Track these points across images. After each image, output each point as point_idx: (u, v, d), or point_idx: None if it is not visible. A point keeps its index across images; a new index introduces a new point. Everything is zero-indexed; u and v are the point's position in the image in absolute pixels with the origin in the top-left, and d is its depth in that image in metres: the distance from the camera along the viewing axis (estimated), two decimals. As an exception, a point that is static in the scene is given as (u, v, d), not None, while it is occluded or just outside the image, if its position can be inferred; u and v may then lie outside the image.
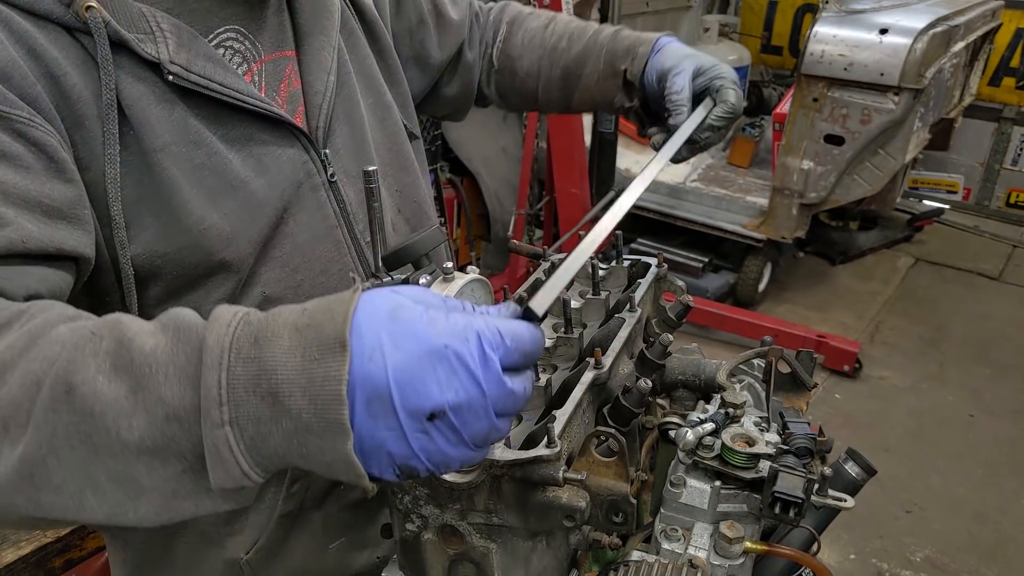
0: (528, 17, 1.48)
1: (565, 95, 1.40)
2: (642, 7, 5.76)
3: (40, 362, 0.64)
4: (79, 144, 0.89)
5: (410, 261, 0.85)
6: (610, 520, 0.91)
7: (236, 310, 0.66)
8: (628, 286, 1.29)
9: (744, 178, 5.28)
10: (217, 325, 0.63)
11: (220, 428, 0.61)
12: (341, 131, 1.10)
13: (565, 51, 1.37)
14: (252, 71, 1.03)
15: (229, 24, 1.00)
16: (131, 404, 0.62)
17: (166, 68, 0.90)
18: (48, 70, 0.86)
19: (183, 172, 0.93)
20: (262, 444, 0.62)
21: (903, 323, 4.96)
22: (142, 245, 0.93)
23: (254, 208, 0.99)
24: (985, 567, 3.19)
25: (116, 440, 0.62)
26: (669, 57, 1.26)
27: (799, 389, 1.20)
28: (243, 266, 0.99)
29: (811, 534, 0.99)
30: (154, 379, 0.62)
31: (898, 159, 4.27)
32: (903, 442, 3.89)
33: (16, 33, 0.84)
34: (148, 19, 0.91)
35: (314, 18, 1.09)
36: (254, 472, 0.63)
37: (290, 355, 0.61)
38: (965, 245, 5.96)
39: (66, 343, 0.65)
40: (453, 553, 0.92)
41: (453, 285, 0.79)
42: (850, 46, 4.14)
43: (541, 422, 0.96)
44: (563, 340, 1.13)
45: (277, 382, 0.60)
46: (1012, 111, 6.12)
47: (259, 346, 0.62)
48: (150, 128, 0.91)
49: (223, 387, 0.61)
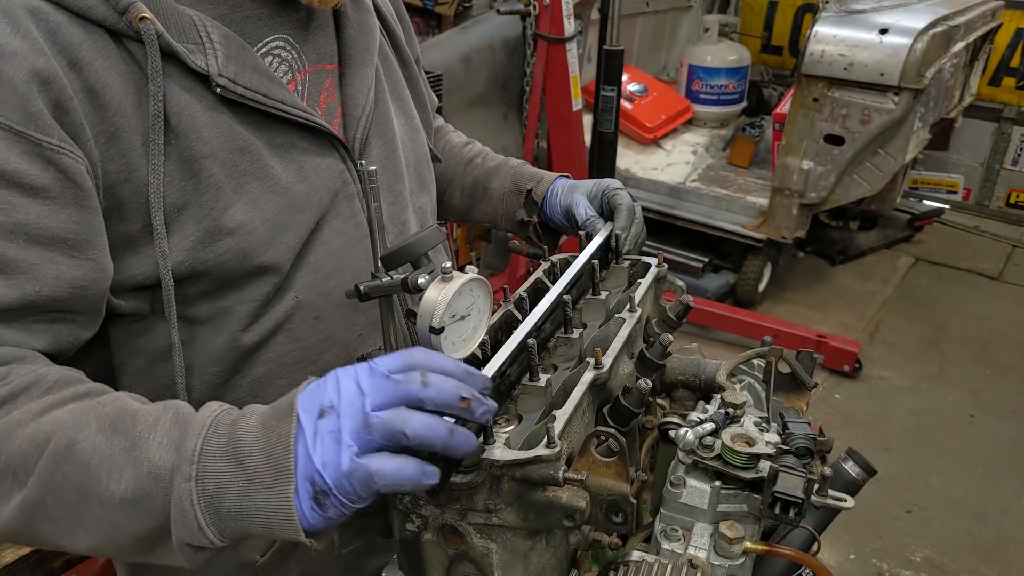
0: (451, 132, 1.61)
1: (470, 203, 1.52)
2: (642, 7, 5.76)
3: (50, 424, 0.77)
4: (115, 157, 0.89)
5: (409, 261, 0.85)
6: (610, 520, 0.91)
7: (222, 404, 0.80)
8: (628, 286, 1.29)
9: (744, 178, 5.28)
10: (206, 409, 0.78)
11: (186, 483, 0.73)
12: (376, 144, 1.15)
13: (479, 165, 1.51)
14: (296, 80, 1.06)
15: (278, 33, 1.03)
16: (124, 460, 0.75)
17: (214, 81, 0.92)
18: (88, 84, 0.86)
19: (228, 177, 0.95)
20: (219, 503, 0.73)
21: (903, 323, 4.96)
22: (183, 252, 0.94)
23: (294, 213, 1.02)
24: (985, 567, 3.19)
25: (104, 490, 0.74)
26: (565, 195, 1.39)
27: (799, 389, 1.20)
28: (280, 271, 1.02)
29: (811, 534, 0.99)
30: (148, 443, 0.75)
31: (898, 159, 4.27)
32: (903, 442, 3.89)
33: (60, 44, 0.85)
34: (199, 28, 0.92)
35: (360, 36, 1.14)
36: (209, 530, 0.74)
37: (255, 428, 0.74)
38: (965, 245, 5.96)
39: (75, 412, 0.78)
40: (453, 553, 0.92)
41: (451, 285, 0.79)
42: (850, 46, 4.14)
43: (541, 422, 0.96)
44: (563, 340, 1.13)
45: (240, 447, 0.73)
46: (1012, 111, 6.12)
47: (233, 424, 0.76)
48: (197, 135, 0.93)
49: (197, 451, 0.74)
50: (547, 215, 1.41)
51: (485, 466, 0.85)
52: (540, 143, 4.58)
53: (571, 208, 1.36)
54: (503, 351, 0.97)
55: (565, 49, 4.17)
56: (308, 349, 1.08)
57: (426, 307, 0.78)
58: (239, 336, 1.02)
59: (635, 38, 5.87)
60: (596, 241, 1.26)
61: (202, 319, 1.01)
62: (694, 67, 5.69)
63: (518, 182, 1.45)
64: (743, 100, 5.87)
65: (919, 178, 6.51)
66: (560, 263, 1.24)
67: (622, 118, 4.44)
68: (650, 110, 5.35)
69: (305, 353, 1.07)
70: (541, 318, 1.06)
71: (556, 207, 1.39)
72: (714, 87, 5.67)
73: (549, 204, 1.41)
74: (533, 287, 1.20)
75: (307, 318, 1.06)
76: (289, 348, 1.06)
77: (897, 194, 5.77)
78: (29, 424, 0.77)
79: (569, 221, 1.37)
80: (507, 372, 0.98)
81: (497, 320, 1.08)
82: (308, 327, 1.07)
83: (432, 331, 0.78)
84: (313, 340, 1.08)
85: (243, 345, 1.03)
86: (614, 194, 1.36)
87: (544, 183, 1.43)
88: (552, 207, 1.40)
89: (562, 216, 1.39)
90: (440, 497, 0.88)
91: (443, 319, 0.78)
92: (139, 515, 0.75)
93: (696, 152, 5.41)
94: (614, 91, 4.21)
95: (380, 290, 0.87)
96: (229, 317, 1.01)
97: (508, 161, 1.53)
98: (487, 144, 1.62)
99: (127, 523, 0.76)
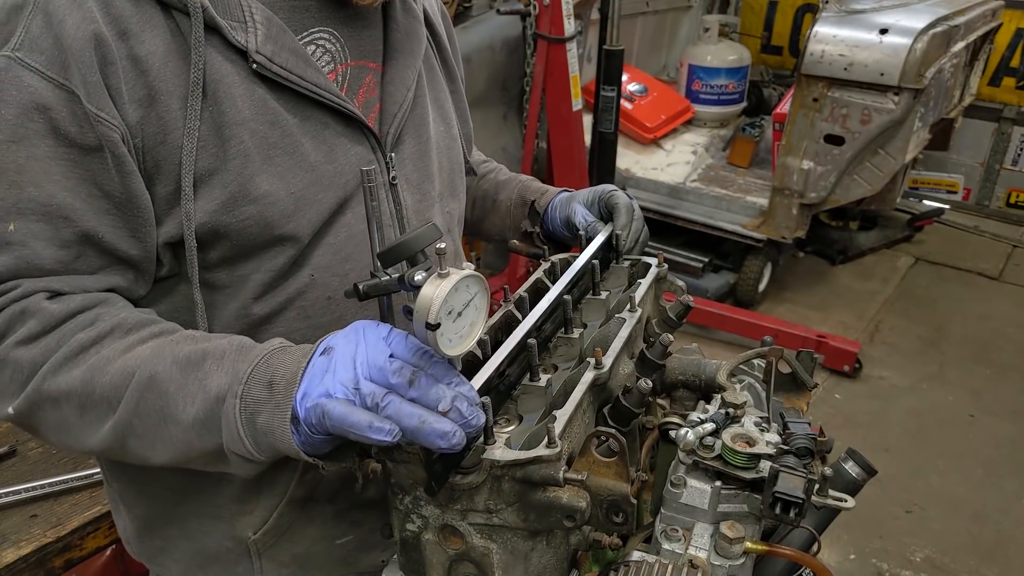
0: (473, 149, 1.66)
1: (481, 215, 1.58)
2: (642, 7, 5.76)
3: (134, 359, 0.91)
4: (152, 120, 0.95)
5: (405, 258, 0.85)
6: (610, 520, 0.91)
7: (284, 341, 0.93)
8: (628, 286, 1.29)
9: (744, 178, 5.28)
10: (268, 343, 0.91)
11: (233, 399, 0.86)
12: (409, 142, 1.18)
13: (491, 179, 1.59)
14: (337, 72, 1.10)
15: (324, 26, 1.08)
16: (195, 387, 0.88)
17: (251, 56, 0.98)
18: (133, 52, 0.93)
19: (257, 146, 1.00)
20: (255, 420, 0.86)
21: (903, 323, 4.97)
22: (208, 214, 0.99)
23: (319, 191, 1.05)
24: (985, 567, 3.19)
25: (180, 413, 0.89)
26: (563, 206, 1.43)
27: (799, 389, 1.20)
28: (299, 244, 1.05)
29: (811, 534, 0.99)
30: (216, 372, 0.89)
31: (898, 159, 4.28)
32: (903, 442, 3.90)
33: (112, 15, 0.93)
34: (243, 9, 0.98)
35: (405, 38, 1.18)
36: (247, 440, 0.86)
37: (288, 358, 0.88)
38: (965, 245, 5.97)
39: (155, 348, 0.92)
40: (453, 553, 0.92)
41: (447, 281, 0.79)
42: (850, 46, 4.15)
43: (541, 422, 0.97)
44: (563, 340, 1.13)
45: (273, 374, 0.86)
46: (1012, 111, 6.12)
47: (276, 353, 0.89)
48: (232, 103, 0.98)
49: (246, 375, 0.87)
50: (549, 229, 1.45)
51: (486, 466, 0.85)
52: (540, 143, 4.58)
53: (570, 217, 1.39)
54: (499, 353, 0.97)
55: (565, 49, 4.18)
56: (317, 328, 1.10)
57: (422, 303, 0.78)
58: (250, 305, 1.06)
59: (635, 38, 5.87)
60: (597, 241, 1.26)
61: (219, 285, 1.05)
62: (694, 67, 5.69)
63: (524, 194, 1.50)
64: (743, 100, 5.88)
65: (919, 178, 6.52)
66: (560, 263, 1.24)
67: (622, 118, 4.44)
68: (650, 110, 5.36)
69: (314, 332, 1.09)
70: (540, 318, 1.06)
71: (557, 219, 1.43)
72: (714, 87, 5.67)
73: (550, 216, 1.44)
74: (533, 287, 1.20)
75: (320, 298, 1.09)
76: (298, 325, 1.09)
77: (897, 194, 5.77)
78: (116, 360, 0.91)
79: (570, 231, 1.40)
80: (505, 372, 0.98)
81: (497, 320, 1.08)
82: (320, 307, 1.10)
83: (428, 327, 0.78)
84: (323, 320, 1.10)
85: (253, 315, 1.07)
86: (610, 196, 1.38)
87: (547, 195, 1.47)
88: (553, 219, 1.44)
89: (563, 227, 1.42)
90: (440, 497, 0.88)
91: (439, 315, 0.77)
92: (207, 432, 0.88)
93: (696, 152, 5.42)
94: (614, 91, 4.22)
95: (378, 288, 0.87)
96: (244, 285, 1.05)
97: (518, 176, 1.59)
98: (487, 144, 1.63)
99: (198, 441, 0.89)
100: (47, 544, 1.56)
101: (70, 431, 0.96)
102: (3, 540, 1.55)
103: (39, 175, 0.92)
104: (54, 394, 0.93)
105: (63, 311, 0.94)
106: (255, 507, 1.15)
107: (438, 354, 0.81)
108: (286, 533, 1.18)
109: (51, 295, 0.95)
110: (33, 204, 0.92)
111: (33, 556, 1.54)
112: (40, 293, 0.95)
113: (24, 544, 1.54)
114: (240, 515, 1.16)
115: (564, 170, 4.40)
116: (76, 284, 0.97)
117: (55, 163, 0.92)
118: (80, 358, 0.93)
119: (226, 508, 1.16)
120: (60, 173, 0.93)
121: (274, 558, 1.19)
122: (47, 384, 0.92)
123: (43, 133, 0.91)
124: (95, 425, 0.94)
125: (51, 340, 0.93)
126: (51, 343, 0.93)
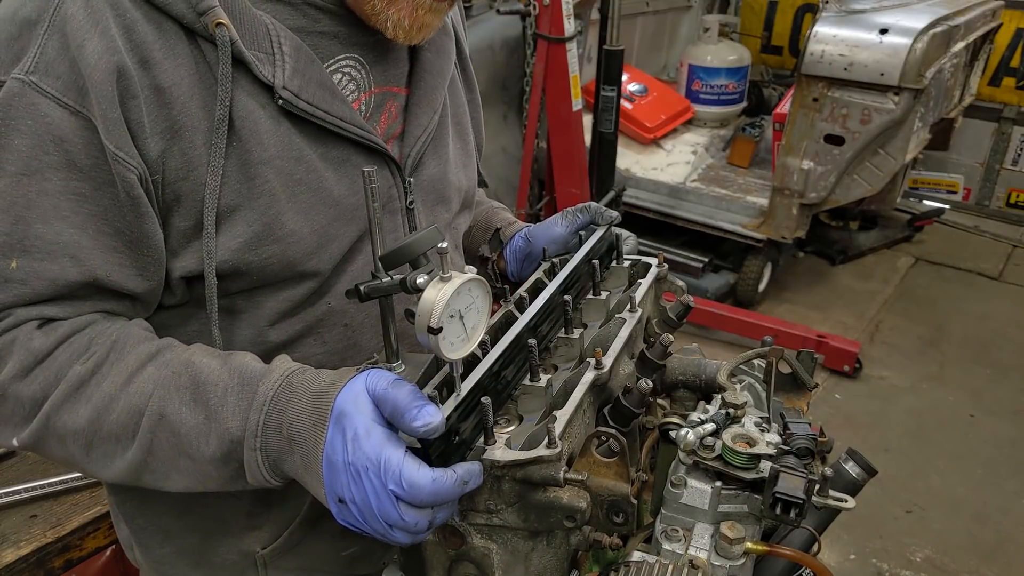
0: None
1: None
2: (642, 7, 5.76)
3: (138, 396, 0.91)
4: (176, 154, 0.91)
5: (407, 261, 0.85)
6: (611, 520, 0.91)
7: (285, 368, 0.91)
8: (628, 286, 1.29)
9: (744, 178, 5.28)
10: (267, 380, 0.89)
11: (254, 452, 0.88)
12: (429, 164, 1.16)
13: None
14: (361, 100, 1.07)
15: (350, 53, 1.05)
16: (207, 428, 0.89)
17: (278, 93, 0.94)
18: (155, 82, 0.89)
19: (283, 184, 0.97)
20: (279, 466, 0.90)
21: (903, 323, 4.97)
22: (230, 252, 0.96)
23: (342, 225, 1.03)
24: (985, 567, 3.19)
25: (196, 451, 0.90)
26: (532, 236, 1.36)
27: (799, 389, 1.20)
28: (320, 278, 1.04)
29: (811, 534, 0.99)
30: (224, 414, 0.89)
31: (898, 159, 4.27)
32: (903, 442, 3.89)
33: (134, 42, 0.88)
34: (272, 37, 0.94)
35: (436, 59, 1.15)
36: (274, 480, 0.91)
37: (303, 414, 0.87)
38: (965, 245, 5.96)
39: (156, 382, 0.91)
40: (453, 553, 0.92)
41: (450, 285, 0.79)
42: (850, 46, 4.14)
43: (542, 422, 0.96)
44: (563, 340, 1.13)
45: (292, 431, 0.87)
46: (1012, 111, 6.12)
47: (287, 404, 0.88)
48: (258, 140, 0.95)
49: (259, 426, 0.88)
50: (507, 260, 1.40)
51: (486, 467, 0.85)
52: (540, 143, 4.58)
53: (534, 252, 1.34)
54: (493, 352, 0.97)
55: (565, 49, 4.17)
56: (332, 354, 1.09)
57: (424, 307, 0.78)
58: (266, 332, 1.04)
59: (635, 38, 5.87)
60: (593, 239, 1.26)
61: (235, 311, 1.03)
62: (694, 67, 5.69)
63: (490, 218, 1.47)
64: (743, 100, 5.88)
65: (919, 178, 6.52)
66: (560, 263, 1.24)
67: (622, 118, 4.44)
68: (650, 110, 5.35)
69: (329, 358, 1.08)
70: (535, 316, 1.06)
71: (517, 251, 1.38)
72: (714, 87, 5.67)
73: (511, 248, 1.39)
74: (533, 287, 1.20)
75: (337, 324, 1.08)
76: (315, 351, 1.08)
77: (897, 194, 5.77)
78: (120, 397, 0.91)
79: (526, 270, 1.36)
80: (501, 372, 0.98)
81: (497, 320, 1.08)
82: (336, 333, 1.09)
83: (430, 331, 0.78)
84: (339, 346, 1.09)
85: (269, 342, 1.05)
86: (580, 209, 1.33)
87: (514, 227, 1.43)
88: (514, 251, 1.38)
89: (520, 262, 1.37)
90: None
91: (441, 319, 0.78)
92: (224, 465, 0.91)
93: (696, 152, 5.42)
94: (614, 91, 4.22)
95: (379, 290, 0.87)
96: (259, 312, 1.04)
97: (492, 203, 1.55)
98: (487, 144, 1.62)
99: (216, 472, 0.92)
100: (47, 544, 1.55)
101: (77, 464, 0.97)
102: (3, 540, 1.54)
103: (48, 211, 0.88)
104: (60, 432, 0.92)
105: (54, 341, 0.91)
106: (265, 522, 1.14)
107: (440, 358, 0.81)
108: (295, 549, 1.17)
109: (42, 322, 0.93)
110: (39, 242, 0.88)
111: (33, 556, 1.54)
112: (32, 321, 0.92)
113: (24, 544, 1.54)
114: (249, 530, 1.15)
115: (564, 170, 4.40)
116: (70, 310, 0.94)
117: (65, 198, 0.88)
118: (81, 394, 0.91)
119: (234, 523, 1.14)
120: (70, 209, 0.89)
121: (279, 567, 1.18)
122: (52, 423, 0.91)
123: (56, 166, 0.87)
124: (103, 461, 0.94)
125: (48, 374, 0.91)
126: (49, 377, 0.91)
